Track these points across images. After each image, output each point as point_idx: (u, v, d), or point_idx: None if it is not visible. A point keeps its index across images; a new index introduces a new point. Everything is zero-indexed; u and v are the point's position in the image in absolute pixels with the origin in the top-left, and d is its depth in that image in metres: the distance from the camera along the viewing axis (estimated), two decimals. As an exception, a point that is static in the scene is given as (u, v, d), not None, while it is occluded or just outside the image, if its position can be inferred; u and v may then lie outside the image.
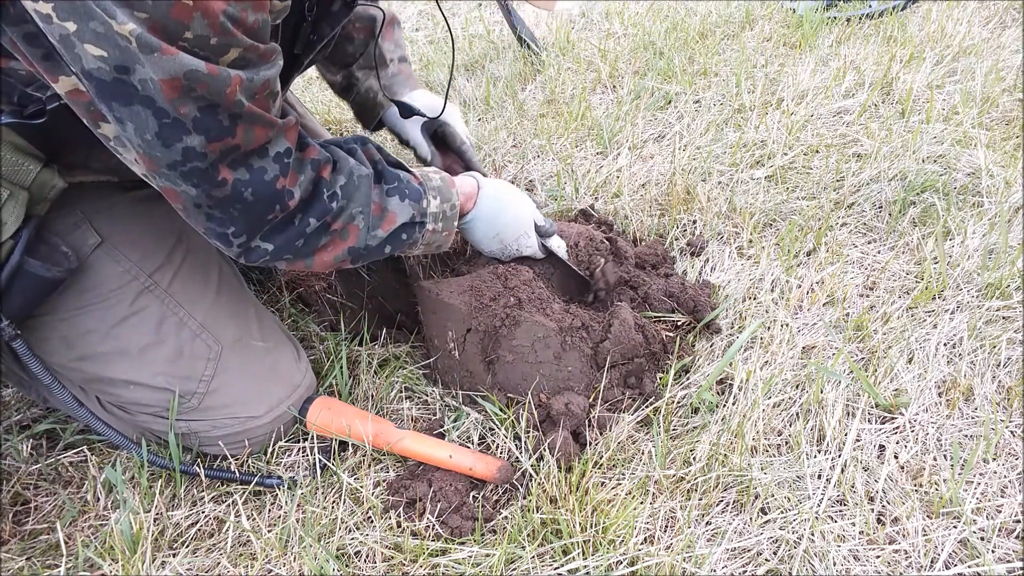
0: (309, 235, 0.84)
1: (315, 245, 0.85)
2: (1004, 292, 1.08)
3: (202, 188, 0.73)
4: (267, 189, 0.77)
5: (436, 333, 1.07)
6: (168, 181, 0.73)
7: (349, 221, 0.87)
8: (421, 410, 1.07)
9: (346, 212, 0.86)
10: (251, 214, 0.78)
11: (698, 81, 1.75)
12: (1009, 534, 0.80)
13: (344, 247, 0.88)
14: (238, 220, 0.78)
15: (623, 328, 1.01)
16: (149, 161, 0.70)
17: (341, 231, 0.87)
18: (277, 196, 0.78)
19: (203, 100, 0.67)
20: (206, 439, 0.95)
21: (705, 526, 0.85)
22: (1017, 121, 1.46)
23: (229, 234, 0.79)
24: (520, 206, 1.08)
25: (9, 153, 0.77)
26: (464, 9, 2.46)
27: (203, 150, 0.70)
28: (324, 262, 0.88)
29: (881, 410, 0.95)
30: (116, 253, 0.90)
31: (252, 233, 0.80)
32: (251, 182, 0.76)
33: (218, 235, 0.79)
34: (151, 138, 0.67)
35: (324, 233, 0.85)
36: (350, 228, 0.87)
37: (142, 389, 0.91)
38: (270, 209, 0.78)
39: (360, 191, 0.87)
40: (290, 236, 0.82)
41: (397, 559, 0.83)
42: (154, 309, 0.91)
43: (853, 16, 1.94)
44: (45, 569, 0.85)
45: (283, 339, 1.03)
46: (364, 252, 0.91)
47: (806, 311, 1.12)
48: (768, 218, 1.31)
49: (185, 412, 0.93)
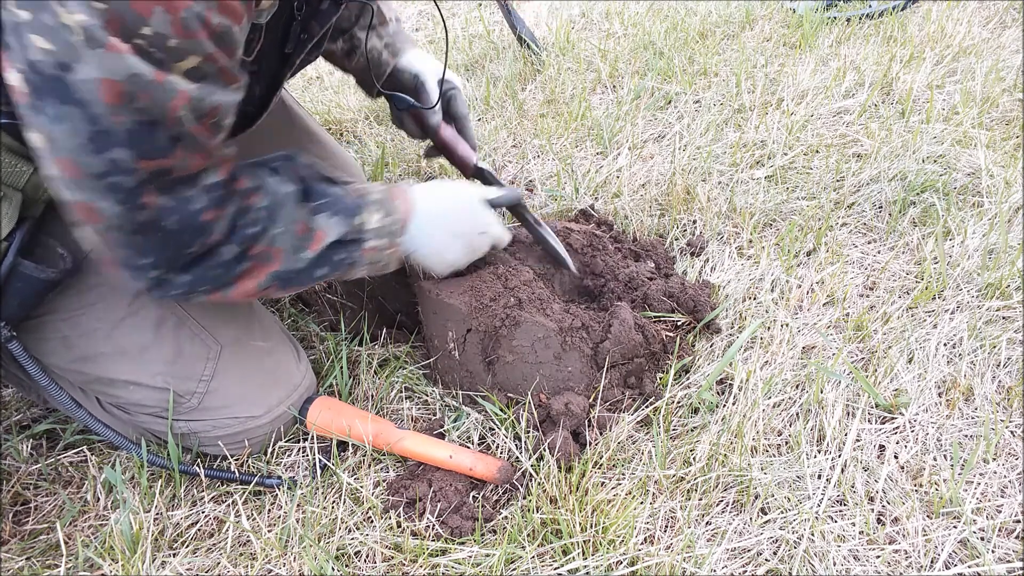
0: (227, 263, 0.78)
1: (233, 274, 0.80)
2: (1004, 292, 1.08)
3: (124, 207, 0.68)
4: (191, 221, 0.72)
5: (436, 333, 1.07)
6: (89, 195, 0.67)
7: (271, 244, 0.80)
8: (421, 410, 1.07)
9: (267, 234, 0.80)
10: (170, 245, 0.73)
11: (698, 81, 1.75)
12: (1009, 534, 0.80)
13: (266, 272, 0.82)
14: (156, 250, 0.73)
15: (623, 328, 1.01)
16: (74, 168, 0.65)
17: (262, 255, 0.80)
18: (200, 230, 0.74)
19: (143, 113, 0.64)
20: (206, 439, 0.95)
21: (705, 526, 0.85)
22: (1017, 121, 1.46)
23: (145, 265, 0.74)
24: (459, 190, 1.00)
25: (3, 154, 0.76)
26: (464, 9, 2.46)
27: (133, 165, 0.66)
28: (245, 291, 0.82)
29: (881, 410, 0.95)
30: None
31: (169, 266, 0.75)
32: (176, 210, 0.71)
33: (132, 266, 0.74)
34: (82, 142, 0.63)
35: (243, 259, 0.79)
36: (272, 252, 0.81)
37: (142, 389, 0.91)
38: (191, 243, 0.74)
39: (283, 210, 0.81)
40: (207, 267, 0.77)
41: (397, 559, 0.83)
42: (153, 309, 0.91)
43: (853, 16, 1.94)
44: (45, 569, 0.85)
45: (283, 339, 1.03)
46: (292, 277, 0.84)
47: (806, 311, 1.12)
48: (768, 218, 1.31)
49: (185, 412, 0.93)
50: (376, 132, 1.77)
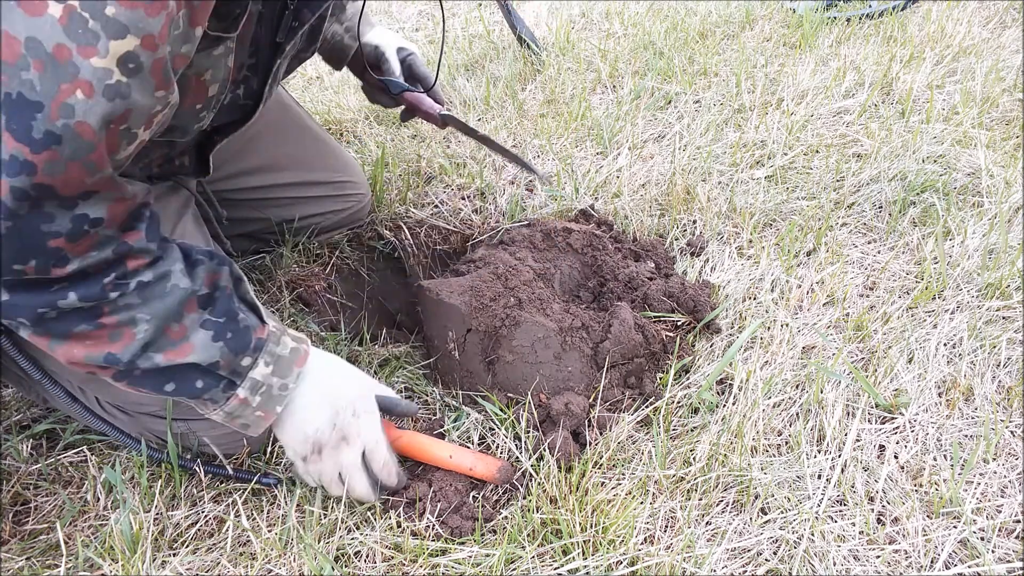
0: (63, 313, 0.67)
1: (70, 329, 0.68)
2: (1004, 292, 1.08)
3: None
4: (33, 239, 0.60)
5: (436, 333, 1.07)
6: None
7: (126, 324, 0.70)
8: (421, 410, 1.07)
9: (128, 312, 0.69)
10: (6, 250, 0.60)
11: (698, 81, 1.75)
12: (1009, 534, 0.80)
13: (104, 351, 0.70)
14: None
15: (623, 328, 1.01)
16: None
17: (111, 331, 0.69)
18: (40, 252, 0.61)
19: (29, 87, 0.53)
20: (206, 438, 0.95)
21: (705, 526, 0.85)
22: (1017, 121, 1.46)
23: None
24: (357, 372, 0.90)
25: None
26: (464, 9, 2.46)
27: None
28: (71, 355, 0.70)
29: (881, 410, 0.95)
30: None
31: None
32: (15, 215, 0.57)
33: None
34: None
35: (87, 320, 0.68)
36: (123, 331, 0.70)
37: None
38: (22, 260, 0.61)
39: (162, 301, 0.71)
40: (37, 302, 0.65)
41: (397, 559, 0.83)
42: None
43: (853, 16, 1.94)
44: (45, 569, 0.85)
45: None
46: (128, 371, 0.73)
47: (806, 311, 1.12)
48: (768, 218, 1.31)
49: (184, 411, 0.93)
50: (376, 132, 1.77)
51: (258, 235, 1.31)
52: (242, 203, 1.23)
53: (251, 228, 1.28)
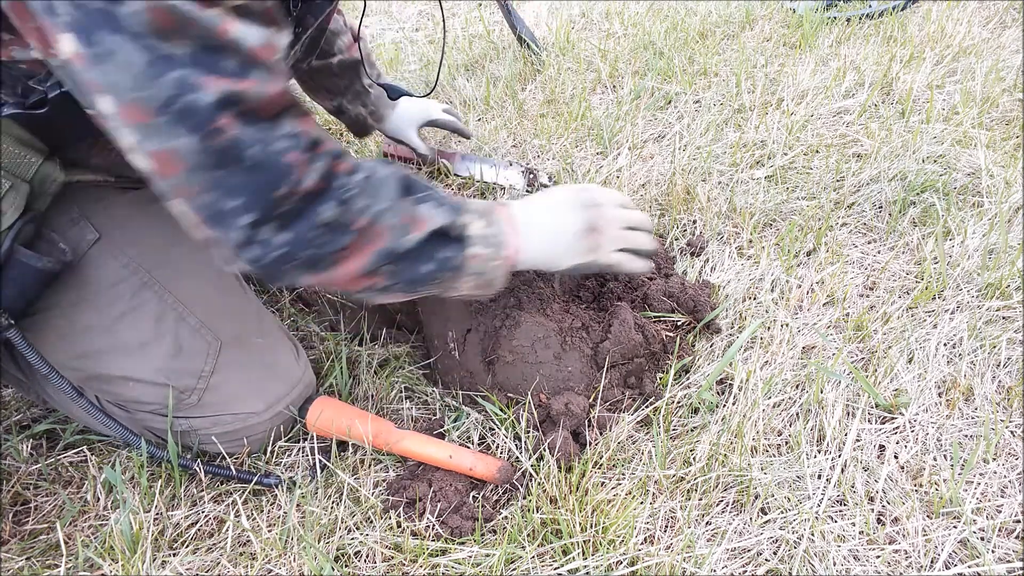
0: (327, 228, 0.73)
1: (336, 245, 0.74)
2: (1004, 292, 1.08)
3: (199, 136, 0.63)
4: (272, 158, 0.68)
5: (436, 333, 1.07)
6: (161, 136, 0.63)
7: (375, 221, 0.75)
8: (421, 410, 1.07)
9: (370, 210, 0.75)
10: (254, 183, 0.67)
11: (698, 81, 1.75)
12: (1009, 534, 0.80)
13: (372, 250, 0.76)
14: (242, 188, 0.67)
15: (623, 328, 1.01)
16: (139, 109, 0.62)
17: (365, 231, 0.75)
18: (284, 170, 0.68)
19: (200, 40, 0.61)
20: (206, 436, 0.95)
21: (705, 526, 0.85)
22: (1017, 121, 1.46)
23: (235, 209, 0.68)
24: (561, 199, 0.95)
25: (11, 145, 0.76)
26: (464, 9, 2.46)
27: (200, 81, 0.62)
28: (350, 272, 0.76)
29: (881, 410, 0.95)
30: (114, 249, 0.90)
31: (261, 212, 0.69)
32: (255, 142, 0.66)
33: (221, 215, 0.68)
34: (139, 72, 0.60)
35: (345, 231, 0.74)
36: (376, 228, 0.76)
37: (141, 386, 0.91)
38: (275, 183, 0.68)
39: (385, 188, 0.77)
40: (304, 227, 0.71)
41: (397, 559, 0.83)
42: (153, 304, 0.91)
43: (853, 16, 1.94)
44: (45, 569, 0.85)
45: (282, 337, 1.03)
46: (400, 260, 0.78)
47: (806, 311, 1.12)
48: (768, 218, 1.31)
49: (185, 409, 0.93)
50: (375, 133, 1.77)
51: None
52: None
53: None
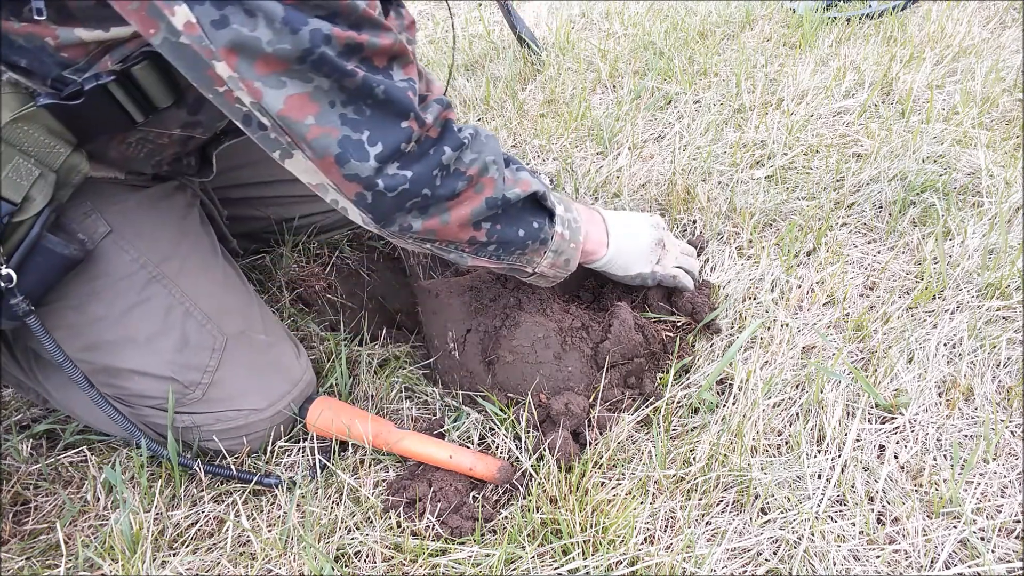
0: (446, 170, 0.79)
1: (451, 189, 0.80)
2: (1004, 292, 1.08)
3: (333, 78, 0.70)
4: (398, 92, 0.74)
5: (436, 333, 1.07)
6: (300, 81, 0.69)
7: (484, 170, 0.82)
8: (421, 410, 1.07)
9: (480, 159, 0.81)
10: (384, 115, 0.74)
11: (698, 81, 1.75)
12: (1009, 534, 0.80)
13: (481, 199, 0.82)
14: (372, 122, 0.73)
15: (623, 328, 1.01)
16: (277, 60, 0.67)
17: (476, 180, 0.82)
18: (409, 103, 0.74)
19: (320, 8, 0.67)
20: (208, 434, 0.95)
21: (705, 526, 0.85)
22: (1017, 121, 1.46)
23: (365, 140, 0.73)
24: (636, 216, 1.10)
25: (42, 135, 0.77)
26: (464, 9, 2.46)
27: (329, 33, 0.68)
28: (461, 218, 0.82)
29: (881, 410, 0.95)
30: (125, 243, 0.91)
31: (389, 144, 0.74)
32: (382, 81, 0.73)
33: (353, 149, 0.73)
34: (279, 26, 0.66)
35: (459, 176, 0.80)
36: (485, 179, 0.82)
37: (147, 379, 0.91)
38: (403, 114, 0.74)
39: (491, 144, 0.84)
40: (428, 166, 0.77)
41: (397, 559, 0.83)
42: (162, 298, 0.92)
43: (853, 16, 1.94)
44: (45, 569, 0.85)
45: (284, 336, 1.03)
46: (504, 210, 0.85)
47: (806, 311, 1.12)
48: (768, 218, 1.31)
49: (189, 404, 0.93)
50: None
51: (258, 235, 1.31)
52: (241, 202, 1.23)
53: (251, 227, 1.28)
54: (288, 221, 1.30)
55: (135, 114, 0.81)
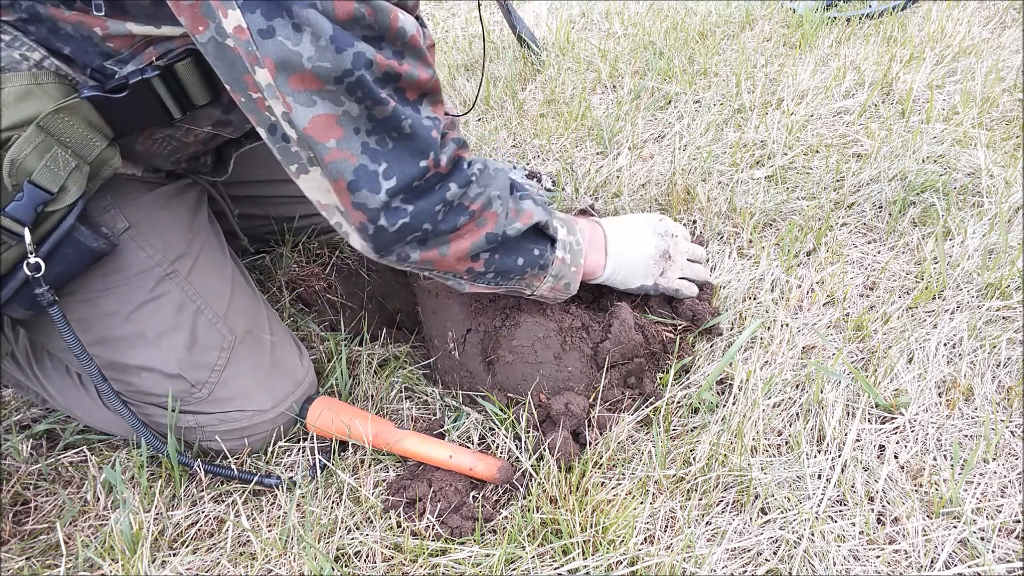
0: (449, 206, 0.80)
1: (453, 224, 0.81)
2: (1004, 292, 1.08)
3: (365, 104, 0.71)
4: (424, 130, 0.75)
5: (436, 333, 1.07)
6: (332, 102, 0.70)
7: (487, 206, 0.84)
8: (421, 410, 1.07)
9: (484, 194, 0.83)
10: (405, 151, 0.75)
11: (698, 81, 1.75)
12: (1009, 534, 0.80)
13: (482, 233, 0.84)
14: (392, 155, 0.75)
15: (623, 328, 1.01)
16: (315, 79, 0.68)
17: (479, 215, 0.83)
18: (431, 142, 0.76)
19: (371, 30, 0.69)
20: (211, 434, 0.95)
21: (705, 526, 0.85)
22: (1017, 121, 1.46)
23: (381, 173, 0.74)
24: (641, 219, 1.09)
25: (81, 126, 0.77)
26: (464, 9, 2.46)
27: (373, 58, 0.69)
28: (460, 251, 0.84)
29: (881, 410, 0.95)
30: (142, 239, 0.91)
31: (403, 180, 0.75)
32: (411, 115, 0.74)
33: (367, 179, 0.74)
34: (325, 44, 0.67)
35: (462, 211, 0.82)
36: (487, 215, 0.84)
37: (155, 376, 0.91)
38: (424, 152, 0.76)
39: (497, 179, 0.85)
40: (433, 201, 0.79)
41: (397, 559, 0.83)
42: (174, 295, 0.92)
43: (853, 16, 1.94)
44: (45, 569, 0.85)
45: (288, 336, 1.04)
46: (502, 244, 0.86)
47: (806, 311, 1.12)
48: (768, 218, 1.31)
49: (194, 403, 0.93)
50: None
51: (259, 235, 1.31)
52: (242, 200, 1.23)
53: (251, 225, 1.28)
54: (288, 221, 1.30)
55: (174, 110, 0.82)
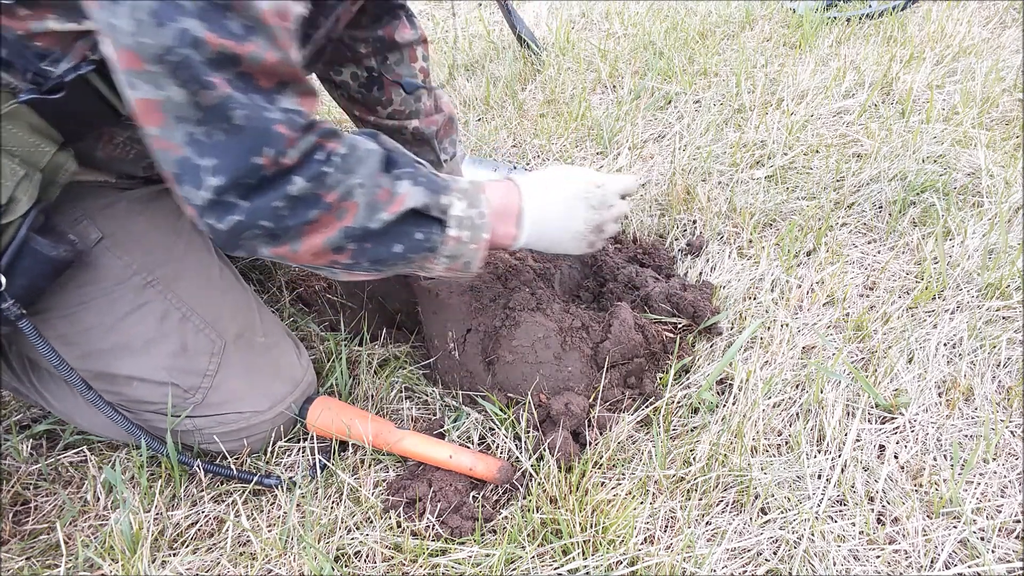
0: (295, 201, 0.71)
1: (303, 219, 0.73)
2: (1004, 292, 1.08)
3: (188, 91, 0.63)
4: (263, 122, 0.67)
5: (436, 333, 1.07)
6: (151, 84, 0.62)
7: (346, 196, 0.74)
8: (421, 410, 1.07)
9: (343, 184, 0.74)
10: (238, 145, 0.66)
11: (698, 81, 1.75)
12: (1009, 534, 0.80)
13: (339, 227, 0.75)
14: (220, 150, 0.66)
15: (623, 328, 1.01)
16: (133, 56, 0.61)
17: (335, 206, 0.74)
18: (272, 137, 0.67)
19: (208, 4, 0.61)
20: (209, 436, 0.95)
21: (705, 526, 0.85)
22: (1017, 121, 1.46)
23: (206, 168, 0.66)
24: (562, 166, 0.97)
25: (25, 133, 0.76)
26: (464, 9, 2.46)
27: (200, 36, 0.61)
28: (314, 247, 0.75)
29: (881, 410, 0.95)
30: (117, 249, 0.90)
31: (233, 177, 0.67)
32: (247, 105, 0.66)
33: (191, 172, 0.67)
34: (145, 17, 0.60)
35: (314, 204, 0.73)
36: (347, 205, 0.74)
37: (146, 385, 0.91)
38: (259, 148, 0.67)
39: (364, 165, 0.76)
40: (272, 197, 0.70)
41: (397, 559, 0.83)
42: (157, 304, 0.91)
43: (853, 16, 1.94)
44: (45, 569, 0.85)
45: (284, 336, 1.03)
46: (368, 241, 0.78)
47: (806, 311, 1.12)
48: (768, 218, 1.31)
49: (189, 408, 0.93)
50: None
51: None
52: None
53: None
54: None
55: (118, 105, 0.79)
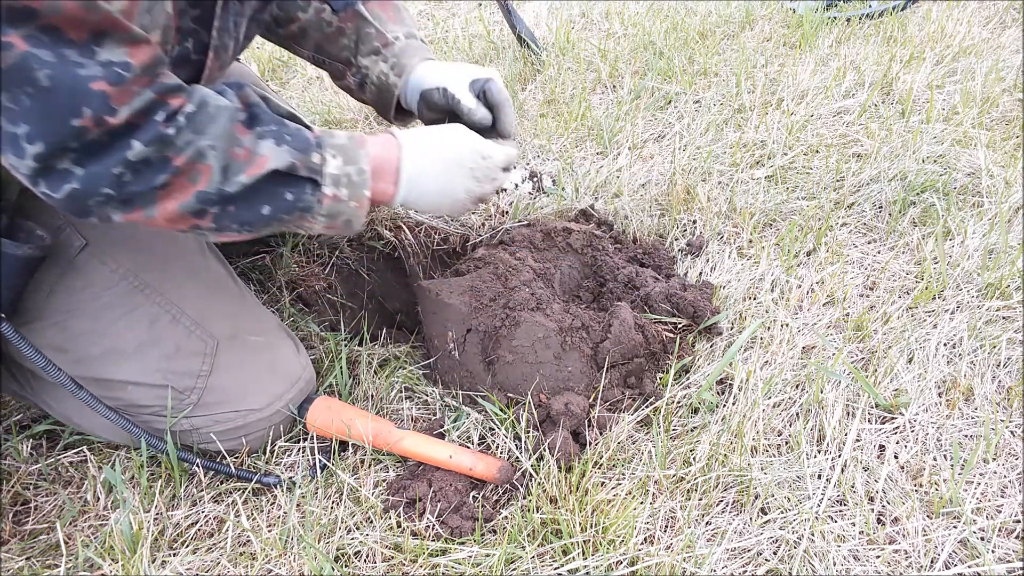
0: (137, 165, 0.67)
1: (150, 184, 0.68)
2: (1004, 292, 1.08)
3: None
4: (74, 81, 0.61)
5: (436, 333, 1.07)
6: None
7: (197, 159, 0.70)
8: (421, 410, 1.07)
9: (192, 146, 0.70)
10: (48, 109, 0.62)
11: (698, 81, 1.75)
12: (1009, 534, 0.80)
13: (192, 191, 0.71)
14: (32, 115, 0.61)
15: (623, 328, 1.01)
16: None
17: (186, 169, 0.70)
18: (87, 96, 0.62)
19: None
20: (207, 436, 0.95)
21: (705, 526, 0.85)
22: (1017, 121, 1.46)
23: (20, 136, 0.62)
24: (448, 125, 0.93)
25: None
26: (464, 9, 2.46)
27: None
28: (169, 212, 0.71)
29: (881, 410, 0.95)
30: (103, 254, 0.90)
31: (52, 143, 0.63)
32: (52, 64, 0.60)
33: (8, 139, 0.63)
34: None
35: (162, 169, 0.69)
36: (199, 168, 0.70)
37: (140, 388, 0.91)
38: (75, 109, 0.62)
39: (215, 124, 0.71)
40: (108, 163, 0.66)
41: (397, 559, 0.83)
42: (146, 308, 0.91)
43: (853, 16, 1.94)
44: (45, 569, 0.85)
45: (281, 334, 1.03)
46: (226, 204, 0.74)
47: (806, 311, 1.12)
48: (768, 218, 1.31)
49: (186, 408, 0.93)
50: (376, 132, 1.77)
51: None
52: None
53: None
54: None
55: None
